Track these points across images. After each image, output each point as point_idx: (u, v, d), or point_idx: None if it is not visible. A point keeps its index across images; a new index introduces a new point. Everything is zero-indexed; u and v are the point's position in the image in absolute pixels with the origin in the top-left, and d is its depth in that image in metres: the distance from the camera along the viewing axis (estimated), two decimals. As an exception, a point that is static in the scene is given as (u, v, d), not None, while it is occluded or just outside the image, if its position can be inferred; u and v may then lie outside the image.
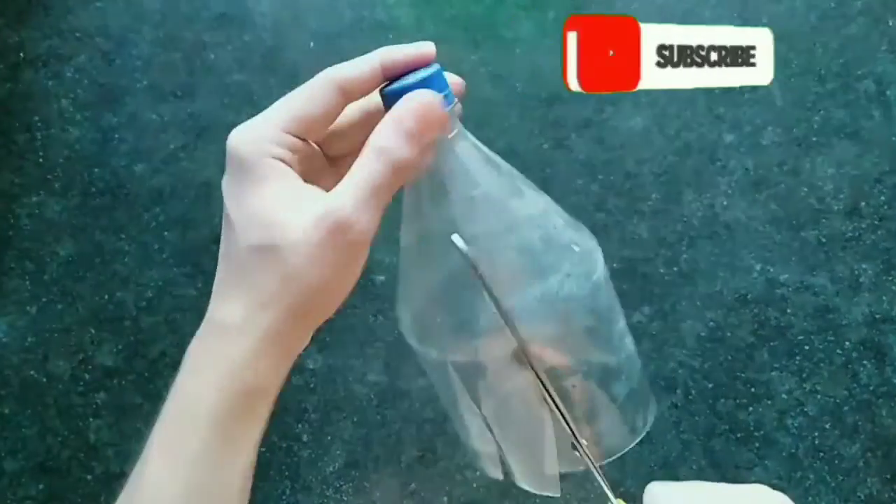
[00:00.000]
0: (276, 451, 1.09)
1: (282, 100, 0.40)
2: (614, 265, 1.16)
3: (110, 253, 1.18)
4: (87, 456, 1.14)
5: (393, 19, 1.15)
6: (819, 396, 1.15)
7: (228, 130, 0.39)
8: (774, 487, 1.24)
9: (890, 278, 1.18)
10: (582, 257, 0.39)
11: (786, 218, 1.19)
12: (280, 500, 1.07)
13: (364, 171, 0.37)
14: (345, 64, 0.41)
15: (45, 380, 1.16)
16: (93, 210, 1.18)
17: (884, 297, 1.17)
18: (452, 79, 0.41)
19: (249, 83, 1.16)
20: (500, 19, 1.16)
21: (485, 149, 0.41)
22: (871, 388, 1.15)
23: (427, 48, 0.40)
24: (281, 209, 0.37)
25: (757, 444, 1.14)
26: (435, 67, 0.39)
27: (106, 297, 1.18)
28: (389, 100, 0.38)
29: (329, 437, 1.11)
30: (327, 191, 0.38)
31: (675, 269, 1.17)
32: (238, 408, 0.38)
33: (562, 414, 0.39)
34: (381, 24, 1.15)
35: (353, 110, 0.42)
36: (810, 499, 1.12)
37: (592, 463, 0.40)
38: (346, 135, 0.41)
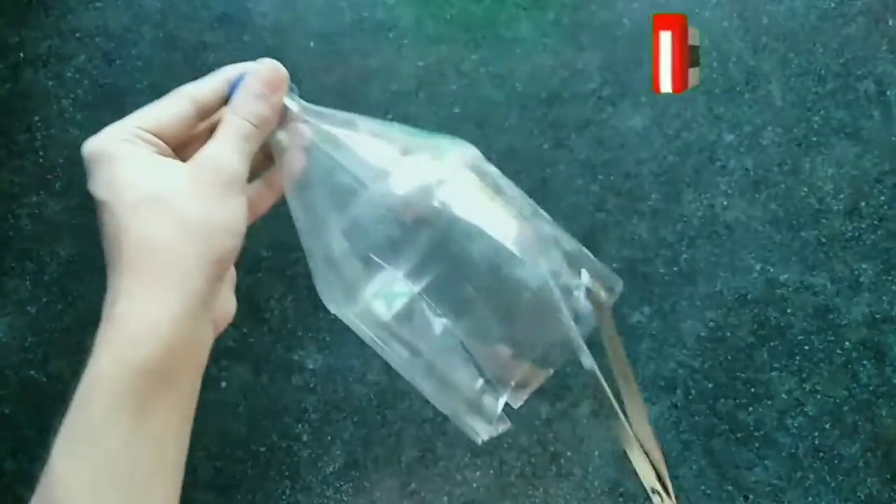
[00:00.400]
0: (276, 451, 1.09)
1: (141, 109, 0.44)
2: (614, 265, 1.17)
3: (110, 253, 1.18)
4: (87, 456, 1.14)
5: (393, 19, 1.15)
6: (819, 396, 1.15)
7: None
8: (774, 487, 1.25)
9: (890, 278, 1.18)
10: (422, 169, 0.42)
11: (785, 218, 1.19)
12: (280, 500, 1.07)
13: (227, 126, 0.42)
14: (196, 81, 0.45)
15: (45, 380, 1.16)
16: (93, 210, 1.18)
17: (884, 297, 1.17)
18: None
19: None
20: (500, 19, 1.17)
21: (335, 114, 0.45)
22: (871, 388, 1.15)
23: (269, 62, 0.46)
24: (153, 170, 0.40)
25: (757, 444, 1.14)
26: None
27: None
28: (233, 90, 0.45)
29: (329, 437, 1.11)
30: None
31: (674, 269, 1.17)
32: (139, 382, 0.38)
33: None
34: (381, 24, 1.15)
35: (203, 125, 0.46)
36: (810, 499, 1.12)
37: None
38: (198, 144, 0.44)
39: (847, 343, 1.16)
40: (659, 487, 0.40)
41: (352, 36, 1.15)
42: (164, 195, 0.39)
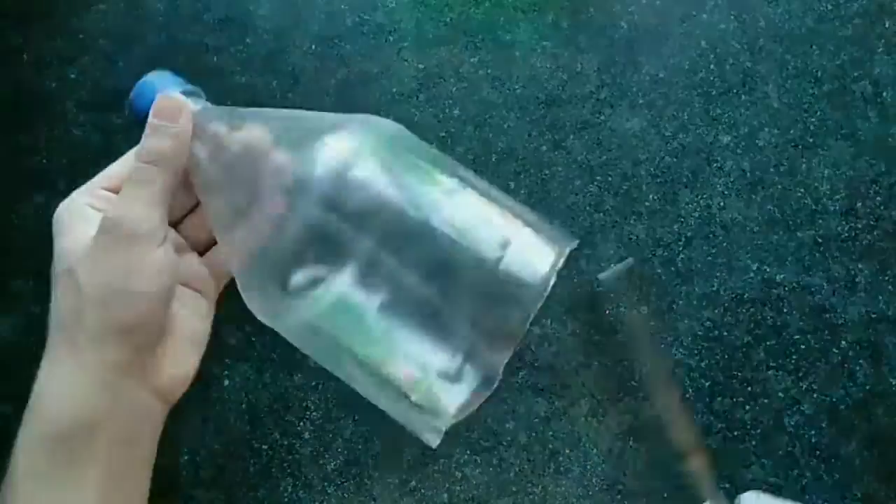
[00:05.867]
0: (277, 449, 1.10)
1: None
2: (612, 265, 1.17)
3: (113, 253, 1.19)
4: (91, 454, 1.15)
5: (393, 22, 1.16)
6: (815, 395, 1.16)
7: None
8: (771, 485, 1.25)
9: (886, 278, 1.19)
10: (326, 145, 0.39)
11: (782, 218, 1.20)
12: (282, 498, 1.08)
13: (129, 176, 0.40)
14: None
15: (48, 379, 1.17)
16: (96, 211, 1.19)
17: (880, 297, 1.18)
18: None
19: (252, 85, 1.17)
20: (499, 22, 1.18)
21: (238, 110, 0.44)
22: (868, 387, 1.16)
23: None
24: (78, 239, 0.39)
25: (754, 443, 1.15)
26: (157, 74, 0.44)
27: (109, 296, 1.18)
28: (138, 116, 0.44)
29: (330, 435, 1.12)
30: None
31: (671, 269, 1.18)
32: (48, 451, 0.38)
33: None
34: (381, 28, 1.16)
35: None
36: (807, 497, 1.13)
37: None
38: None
39: (843, 342, 1.17)
40: (691, 449, 0.39)
41: (352, 39, 1.16)
42: (72, 266, 0.39)
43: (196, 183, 0.43)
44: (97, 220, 0.40)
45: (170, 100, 0.42)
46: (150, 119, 0.41)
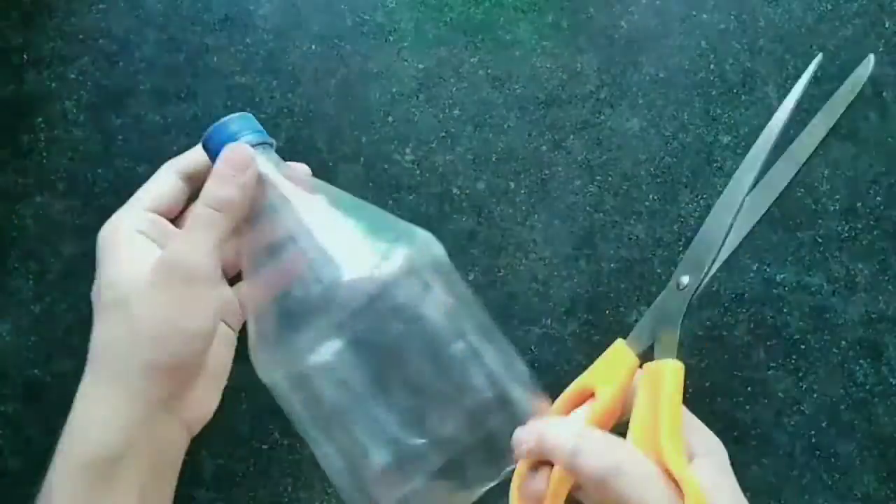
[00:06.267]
0: (278, 449, 1.10)
1: (138, 190, 0.43)
2: (612, 265, 1.17)
3: (113, 253, 1.19)
4: (91, 454, 1.15)
5: (393, 23, 1.16)
6: (815, 395, 1.16)
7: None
8: (771, 486, 1.25)
9: (886, 278, 1.19)
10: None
11: (782, 218, 1.20)
12: (282, 497, 1.08)
13: (191, 217, 0.40)
14: (183, 153, 0.45)
15: (48, 379, 1.17)
16: (96, 211, 1.18)
17: (880, 297, 1.18)
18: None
19: (252, 85, 1.17)
20: (499, 22, 1.18)
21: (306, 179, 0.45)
22: (868, 386, 1.16)
23: (234, 144, 0.44)
24: (129, 268, 0.40)
25: (754, 443, 1.15)
26: (238, 117, 0.44)
27: (109, 296, 1.18)
28: (210, 152, 0.44)
29: (330, 435, 1.12)
30: None
31: (671, 268, 1.18)
32: (88, 476, 0.39)
33: None
34: (381, 28, 1.16)
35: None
36: (807, 497, 1.13)
37: None
38: None
39: (843, 342, 1.17)
40: None
41: (352, 39, 1.16)
42: (126, 298, 0.39)
43: (246, 226, 0.44)
44: (145, 247, 0.40)
45: (239, 150, 0.42)
46: (217, 166, 0.41)
